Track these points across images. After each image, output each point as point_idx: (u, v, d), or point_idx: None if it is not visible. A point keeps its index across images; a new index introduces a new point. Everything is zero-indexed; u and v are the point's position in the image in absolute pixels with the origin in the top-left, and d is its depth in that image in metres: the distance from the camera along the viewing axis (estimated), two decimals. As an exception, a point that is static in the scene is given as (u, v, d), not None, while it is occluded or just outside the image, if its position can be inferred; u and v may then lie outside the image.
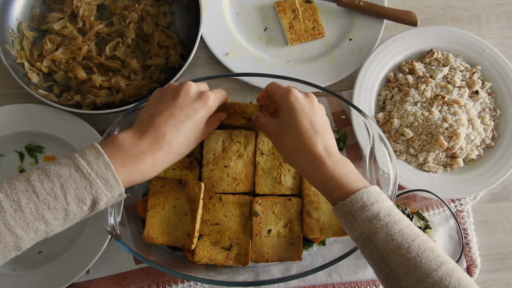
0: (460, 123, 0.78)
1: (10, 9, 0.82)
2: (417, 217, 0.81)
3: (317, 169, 0.60)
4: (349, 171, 0.60)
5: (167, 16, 0.88)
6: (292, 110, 0.62)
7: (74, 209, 0.51)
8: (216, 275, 0.71)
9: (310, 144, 0.60)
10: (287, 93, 0.63)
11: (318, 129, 0.61)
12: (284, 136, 0.63)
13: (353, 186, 0.57)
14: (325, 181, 0.59)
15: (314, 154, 0.60)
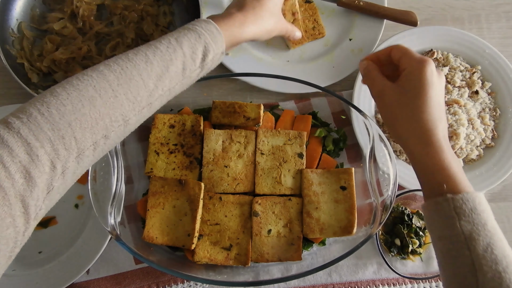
0: (460, 123, 0.78)
1: (10, 9, 0.83)
2: (417, 217, 0.81)
3: (435, 153, 0.56)
4: (461, 169, 0.57)
5: (167, 16, 0.88)
6: (427, 84, 0.57)
7: (189, 62, 0.56)
8: (216, 275, 0.71)
9: (434, 125, 0.57)
10: (423, 63, 0.58)
11: (442, 115, 0.58)
12: (404, 106, 0.58)
13: (466, 184, 0.55)
14: (439, 168, 0.55)
15: (435, 139, 0.56)
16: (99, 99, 0.48)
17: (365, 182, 0.74)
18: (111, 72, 0.50)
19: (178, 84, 0.56)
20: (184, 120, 0.77)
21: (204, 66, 0.58)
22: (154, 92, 0.53)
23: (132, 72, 0.51)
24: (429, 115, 0.57)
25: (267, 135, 0.76)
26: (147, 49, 0.54)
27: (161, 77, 0.53)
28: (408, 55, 0.60)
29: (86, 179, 0.78)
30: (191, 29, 0.58)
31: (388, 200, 0.68)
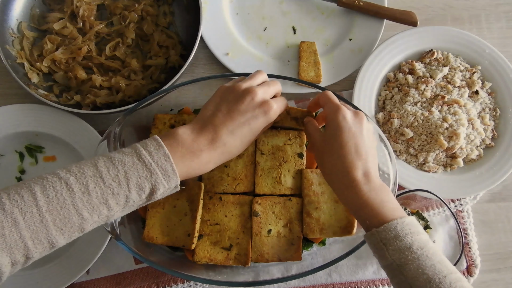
0: (460, 123, 0.78)
1: (10, 9, 0.82)
2: (417, 217, 0.81)
3: (353, 194, 0.59)
4: (386, 199, 0.59)
5: (167, 16, 0.88)
6: (339, 130, 0.61)
7: (134, 196, 0.53)
8: (216, 275, 0.71)
9: (350, 167, 0.60)
10: (336, 110, 0.62)
11: (361, 153, 0.60)
12: (326, 153, 0.63)
13: (388, 215, 0.57)
14: (360, 206, 0.59)
15: (352, 179, 0.59)
16: (22, 222, 0.47)
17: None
18: (44, 196, 0.49)
19: (118, 212, 0.53)
20: (184, 120, 0.76)
21: (151, 199, 0.55)
22: (88, 219, 0.51)
23: (66, 201, 0.49)
24: (344, 158, 0.60)
25: (267, 135, 0.76)
26: (92, 176, 0.51)
27: (98, 207, 0.51)
28: (328, 103, 0.64)
29: (86, 179, 0.79)
30: (144, 162, 0.53)
31: (388, 200, 0.68)
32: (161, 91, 0.74)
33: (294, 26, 0.91)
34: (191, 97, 0.82)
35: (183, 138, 0.58)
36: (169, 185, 0.55)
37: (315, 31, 0.90)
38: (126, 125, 0.72)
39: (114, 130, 0.69)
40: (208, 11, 0.88)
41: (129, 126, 0.80)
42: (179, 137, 0.58)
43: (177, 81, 0.80)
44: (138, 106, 0.72)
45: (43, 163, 0.81)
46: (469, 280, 0.81)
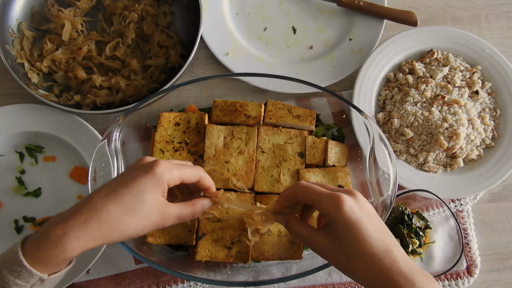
0: (460, 123, 0.78)
1: (10, 9, 0.82)
2: (417, 217, 0.81)
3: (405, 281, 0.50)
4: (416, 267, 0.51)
5: (167, 16, 0.88)
6: (353, 226, 0.51)
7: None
8: (216, 275, 0.71)
9: (389, 265, 0.50)
10: (337, 204, 0.52)
11: (388, 241, 0.52)
12: (349, 257, 0.52)
13: (422, 284, 0.50)
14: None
15: (396, 278, 0.50)
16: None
17: (365, 182, 0.74)
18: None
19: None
20: (189, 117, 0.77)
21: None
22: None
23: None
24: (377, 255, 0.51)
25: (268, 133, 0.76)
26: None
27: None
28: (318, 198, 0.53)
29: (86, 179, 0.79)
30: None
31: (388, 200, 0.68)
32: (161, 91, 0.75)
33: (294, 26, 0.91)
34: (191, 97, 0.82)
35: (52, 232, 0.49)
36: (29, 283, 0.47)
37: (315, 31, 0.90)
38: (126, 125, 0.72)
39: (114, 130, 0.69)
40: (208, 11, 0.88)
41: (129, 126, 0.80)
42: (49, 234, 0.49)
43: (177, 81, 0.80)
44: (138, 106, 0.72)
45: (43, 163, 0.81)
46: (469, 280, 0.81)
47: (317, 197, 0.54)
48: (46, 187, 0.80)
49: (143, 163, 0.54)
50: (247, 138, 0.76)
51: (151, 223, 0.53)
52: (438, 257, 0.81)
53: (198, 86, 0.78)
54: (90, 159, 0.72)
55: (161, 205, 0.54)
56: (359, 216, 0.52)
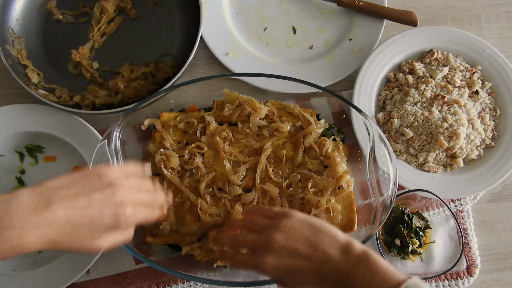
0: (460, 123, 0.78)
1: (10, 9, 0.83)
2: (417, 217, 0.81)
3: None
4: (373, 273, 0.54)
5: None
6: (284, 279, 0.58)
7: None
8: (216, 275, 0.71)
9: (324, 280, 0.56)
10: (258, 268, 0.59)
11: (315, 257, 0.56)
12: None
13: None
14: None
15: (331, 284, 0.56)
16: None
17: (365, 182, 0.74)
18: None
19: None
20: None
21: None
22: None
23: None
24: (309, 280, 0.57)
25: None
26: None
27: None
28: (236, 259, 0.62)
29: (86, 179, 0.79)
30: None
31: (388, 200, 0.68)
32: (161, 91, 0.75)
33: (294, 26, 0.91)
34: (191, 97, 0.82)
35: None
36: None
37: (315, 31, 0.91)
38: (126, 125, 0.72)
39: (114, 130, 0.69)
40: (208, 11, 0.88)
41: (129, 126, 0.80)
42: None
43: (177, 81, 0.80)
44: (138, 106, 0.72)
45: (43, 163, 0.81)
46: (469, 280, 0.81)
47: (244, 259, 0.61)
48: (46, 187, 0.80)
49: (117, 199, 0.52)
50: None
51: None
52: (438, 257, 0.81)
53: (198, 86, 0.78)
54: (90, 159, 0.72)
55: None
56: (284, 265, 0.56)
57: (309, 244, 0.57)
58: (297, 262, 0.56)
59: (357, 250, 0.56)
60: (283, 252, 0.57)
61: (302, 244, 0.57)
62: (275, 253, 0.57)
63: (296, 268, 0.56)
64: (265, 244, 0.58)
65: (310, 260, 0.56)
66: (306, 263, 0.56)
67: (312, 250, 0.56)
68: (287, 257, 0.57)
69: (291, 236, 0.57)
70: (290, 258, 0.56)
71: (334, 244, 0.57)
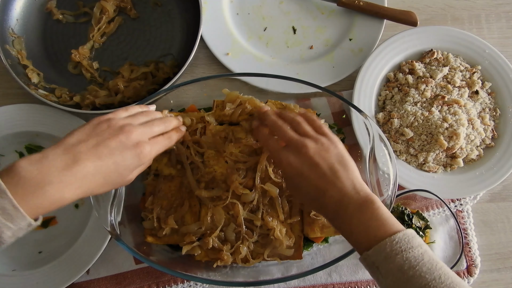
0: (460, 123, 0.78)
1: (10, 9, 0.83)
2: (417, 217, 0.81)
3: (337, 222, 0.59)
4: (372, 216, 0.56)
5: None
6: (291, 178, 0.62)
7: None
8: (216, 275, 0.70)
9: (322, 200, 0.59)
10: (278, 158, 0.63)
11: (329, 178, 0.59)
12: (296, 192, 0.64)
13: (377, 234, 0.54)
14: (348, 233, 0.57)
15: (328, 209, 0.59)
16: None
17: (365, 182, 0.74)
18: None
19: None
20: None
21: (2, 243, 0.48)
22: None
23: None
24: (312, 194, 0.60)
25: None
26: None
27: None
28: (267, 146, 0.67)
29: (86, 179, 0.79)
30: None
31: (388, 200, 0.68)
32: (161, 91, 0.75)
33: (294, 26, 0.91)
34: (191, 97, 0.82)
35: (24, 170, 0.49)
36: (16, 225, 0.47)
37: (315, 31, 0.91)
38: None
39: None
40: (208, 11, 0.88)
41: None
42: (19, 170, 0.49)
43: (177, 81, 0.80)
44: (138, 106, 0.72)
45: (43, 163, 0.81)
46: (469, 280, 0.81)
47: (265, 141, 0.66)
48: (46, 187, 0.80)
49: (132, 141, 0.57)
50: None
51: (117, 186, 0.61)
52: (438, 257, 0.80)
53: (198, 86, 0.78)
54: (90, 159, 0.72)
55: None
56: (298, 170, 0.60)
57: (330, 167, 0.60)
58: (312, 174, 0.60)
59: (367, 192, 0.59)
60: (306, 161, 0.60)
61: (325, 164, 0.60)
62: (300, 157, 0.61)
63: (308, 178, 0.60)
64: (298, 145, 0.61)
65: (323, 179, 0.59)
66: (318, 180, 0.59)
67: (331, 173, 0.59)
68: (307, 165, 0.60)
69: (322, 153, 0.61)
70: (309, 168, 0.60)
71: (350, 179, 0.59)
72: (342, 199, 0.58)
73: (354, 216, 0.56)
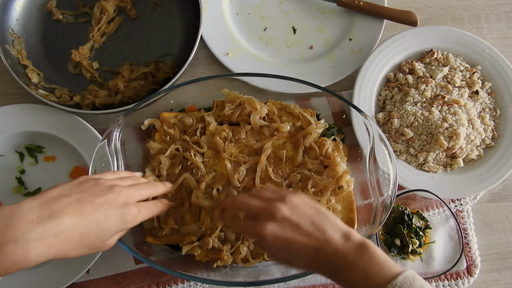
0: (460, 123, 0.78)
1: (10, 9, 0.83)
2: (417, 217, 0.81)
3: (338, 276, 0.55)
4: (369, 262, 0.53)
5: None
6: (279, 251, 0.57)
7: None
8: (216, 275, 0.70)
9: (316, 260, 0.55)
10: (257, 233, 0.57)
11: (315, 235, 0.56)
12: (288, 263, 0.59)
13: (377, 281, 0.52)
14: (349, 285, 0.54)
15: (326, 267, 0.55)
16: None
17: (365, 182, 0.74)
18: None
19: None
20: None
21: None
22: None
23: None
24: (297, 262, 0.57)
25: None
26: None
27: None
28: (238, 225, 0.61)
29: (86, 179, 0.79)
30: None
31: (388, 200, 0.68)
32: (161, 91, 0.75)
33: (294, 26, 0.91)
34: (191, 97, 0.82)
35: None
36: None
37: (315, 31, 0.91)
38: (126, 125, 0.72)
39: (114, 130, 0.69)
40: (208, 11, 0.88)
41: (129, 126, 0.80)
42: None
43: (177, 81, 0.80)
44: (138, 106, 0.72)
45: (43, 163, 0.81)
46: (469, 280, 0.81)
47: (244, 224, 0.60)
48: (46, 187, 0.80)
49: (120, 200, 0.54)
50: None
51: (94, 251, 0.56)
52: (438, 257, 0.81)
53: (198, 86, 0.78)
54: (90, 159, 0.72)
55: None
56: (284, 235, 0.56)
57: (311, 223, 0.56)
58: (297, 236, 0.55)
59: (357, 238, 0.55)
60: (285, 224, 0.56)
61: (304, 221, 0.56)
62: (277, 223, 0.56)
63: (294, 242, 0.55)
64: (268, 211, 0.57)
65: (310, 237, 0.55)
66: (305, 240, 0.55)
67: (314, 229, 0.56)
68: (288, 229, 0.56)
69: (295, 211, 0.57)
70: (291, 231, 0.56)
71: (335, 228, 0.56)
72: (336, 252, 0.54)
73: (352, 265, 0.53)
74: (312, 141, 0.75)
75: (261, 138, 0.76)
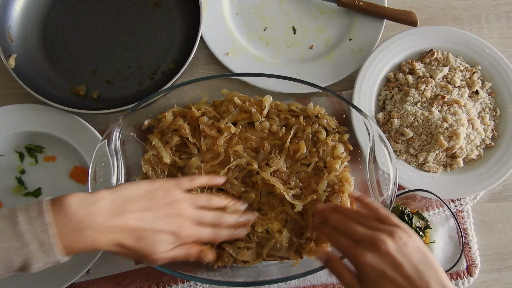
0: (460, 123, 0.78)
1: (10, 9, 0.83)
2: (417, 217, 0.81)
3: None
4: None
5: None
6: (372, 281, 0.53)
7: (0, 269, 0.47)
8: (216, 275, 0.70)
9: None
10: (354, 256, 0.54)
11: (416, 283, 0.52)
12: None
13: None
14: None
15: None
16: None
17: (365, 182, 0.74)
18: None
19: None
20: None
21: (28, 271, 0.49)
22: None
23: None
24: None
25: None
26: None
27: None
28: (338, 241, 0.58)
29: (86, 179, 0.79)
30: (15, 231, 0.46)
31: (388, 200, 0.68)
32: (161, 91, 0.75)
33: (294, 26, 0.91)
34: (191, 97, 0.82)
35: (73, 209, 0.50)
36: (46, 260, 0.48)
37: (315, 31, 0.91)
38: (126, 125, 0.72)
39: (114, 130, 0.69)
40: (208, 11, 0.88)
41: (129, 126, 0.80)
42: (68, 208, 0.49)
43: (177, 81, 0.80)
44: (138, 106, 0.72)
45: (43, 163, 0.81)
46: (469, 280, 0.81)
47: (334, 237, 0.59)
48: (46, 187, 0.81)
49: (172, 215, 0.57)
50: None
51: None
52: (438, 257, 0.81)
53: (198, 86, 0.78)
54: (90, 159, 0.72)
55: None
56: (386, 268, 0.52)
57: (415, 269, 0.52)
58: (396, 277, 0.52)
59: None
60: (388, 259, 0.53)
61: (409, 264, 0.53)
62: (379, 255, 0.53)
63: (393, 281, 0.52)
64: (373, 241, 0.54)
65: (410, 284, 0.52)
66: (404, 284, 0.52)
67: (417, 277, 0.52)
68: (389, 266, 0.53)
69: (402, 250, 0.53)
70: (391, 269, 0.52)
71: (439, 284, 0.52)
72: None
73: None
74: (315, 139, 0.75)
75: (261, 136, 0.76)
